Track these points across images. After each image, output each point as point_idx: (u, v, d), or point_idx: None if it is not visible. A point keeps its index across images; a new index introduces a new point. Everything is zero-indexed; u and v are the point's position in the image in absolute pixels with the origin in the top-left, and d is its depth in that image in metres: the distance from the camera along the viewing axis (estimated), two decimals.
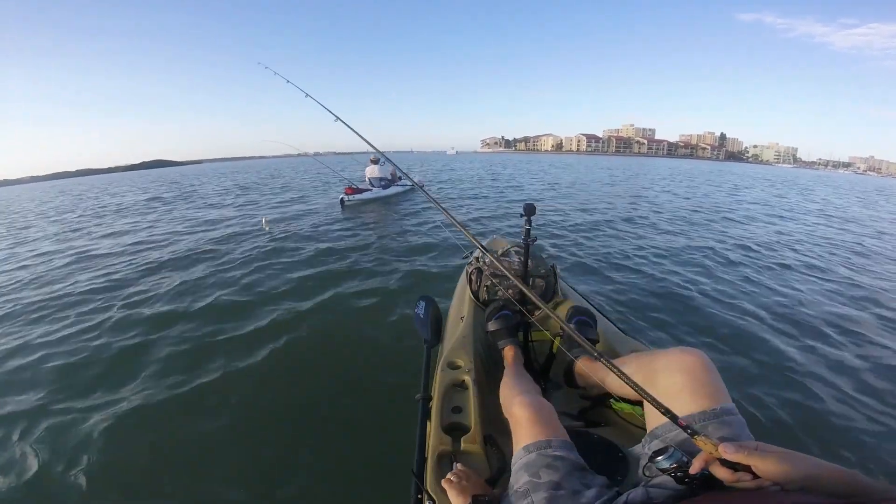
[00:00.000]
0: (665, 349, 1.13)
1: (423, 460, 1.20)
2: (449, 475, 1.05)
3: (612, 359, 0.96)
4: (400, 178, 11.13)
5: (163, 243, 6.54)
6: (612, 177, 21.25)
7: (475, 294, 2.12)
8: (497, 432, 1.28)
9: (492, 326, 1.68)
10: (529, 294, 1.11)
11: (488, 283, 2.09)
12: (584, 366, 1.47)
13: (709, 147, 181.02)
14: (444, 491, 1.04)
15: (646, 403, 1.03)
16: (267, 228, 4.99)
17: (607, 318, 2.04)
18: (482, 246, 1.48)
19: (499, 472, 1.14)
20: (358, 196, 9.53)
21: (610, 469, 1.10)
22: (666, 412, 0.82)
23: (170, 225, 8.42)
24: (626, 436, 1.33)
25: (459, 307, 2.10)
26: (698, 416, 0.91)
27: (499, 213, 8.61)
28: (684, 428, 0.78)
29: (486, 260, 2.12)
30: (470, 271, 2.16)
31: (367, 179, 10.59)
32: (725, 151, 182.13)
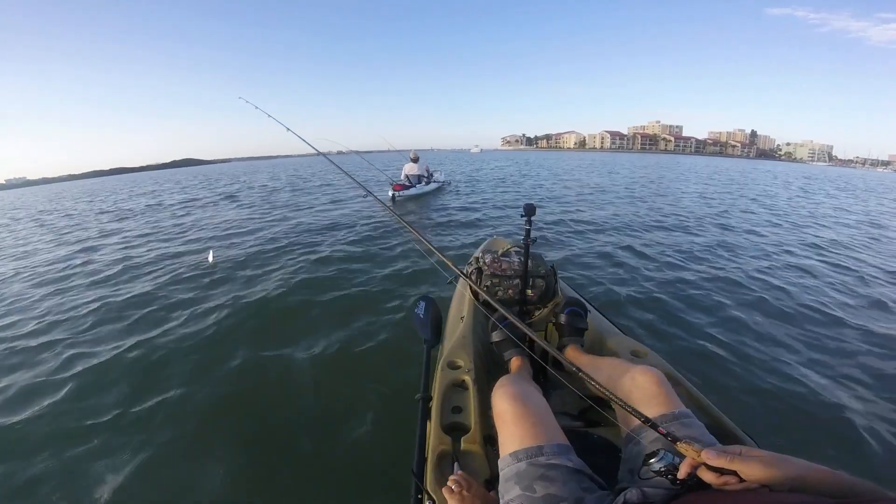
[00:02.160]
0: (629, 365, 1.22)
1: (423, 460, 1.20)
2: (449, 482, 1.02)
3: (597, 355, 0.98)
4: (433, 175, 12.02)
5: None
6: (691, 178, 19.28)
7: (475, 294, 2.10)
8: (497, 432, 1.26)
9: (496, 337, 1.63)
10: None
11: (488, 283, 2.08)
12: (571, 356, 1.53)
13: (739, 144, 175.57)
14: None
15: (615, 406, 1.08)
16: (211, 260, 4.86)
17: (603, 314, 2.04)
18: (462, 273, 1.54)
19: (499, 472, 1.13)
20: (405, 192, 10.29)
21: (610, 469, 1.09)
22: (646, 420, 0.83)
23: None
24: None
25: (459, 307, 2.10)
26: (659, 418, 0.97)
27: None
28: (665, 435, 0.79)
29: (486, 260, 2.15)
30: (470, 271, 2.16)
31: (404, 176, 10.98)
32: (756, 149, 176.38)
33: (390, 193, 10.00)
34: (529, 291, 2.04)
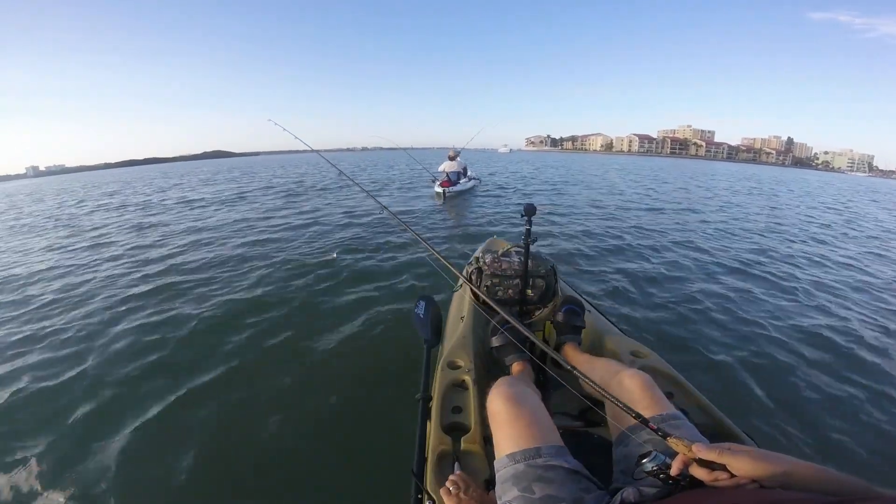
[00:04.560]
0: (619, 367, 1.24)
1: (423, 460, 1.20)
2: (448, 483, 1.02)
3: (595, 355, 0.99)
4: (468, 173, 12.13)
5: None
6: None
7: (475, 294, 2.10)
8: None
9: (496, 342, 1.62)
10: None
11: (488, 283, 2.08)
12: (568, 353, 1.56)
13: (774, 152, 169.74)
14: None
15: (607, 404, 1.10)
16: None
17: (604, 314, 2.05)
18: (465, 277, 1.65)
19: None
20: (453, 189, 10.44)
21: (610, 469, 1.08)
22: (637, 416, 0.86)
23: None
24: None
25: (459, 307, 2.10)
26: (651, 419, 0.94)
27: None
28: (656, 431, 0.81)
29: (486, 260, 2.15)
30: (470, 271, 2.16)
31: (444, 173, 11.04)
32: (792, 157, 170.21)
33: (438, 190, 10.17)
34: (529, 291, 2.04)
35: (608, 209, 9.47)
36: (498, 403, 1.05)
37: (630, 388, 1.10)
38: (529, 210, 1.93)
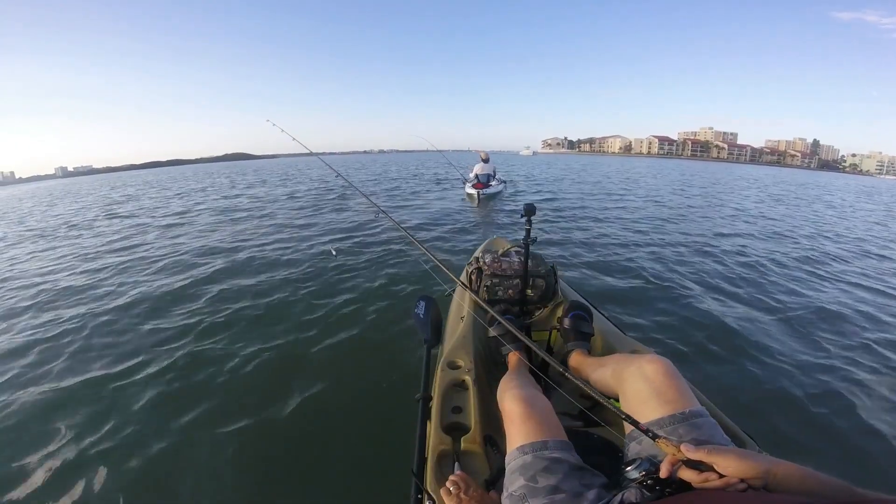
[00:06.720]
0: (636, 355, 1.18)
1: (423, 460, 1.20)
2: (448, 483, 1.03)
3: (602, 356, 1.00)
4: (496, 175, 11.96)
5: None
6: None
7: (475, 294, 2.12)
8: (497, 432, 1.26)
9: (493, 332, 1.65)
10: None
11: (488, 283, 2.10)
12: (576, 360, 1.52)
13: (799, 154, 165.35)
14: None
15: (621, 401, 1.11)
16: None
17: (606, 316, 2.02)
18: (461, 283, 1.66)
19: (498, 472, 1.13)
20: (486, 191, 10.39)
21: (610, 469, 1.07)
22: (626, 417, 0.88)
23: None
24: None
25: (459, 307, 2.10)
26: (667, 419, 0.93)
27: None
28: (645, 432, 0.82)
29: (486, 260, 2.17)
30: (470, 271, 2.19)
31: (475, 175, 11.00)
32: (818, 160, 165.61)
33: (472, 192, 10.17)
34: (529, 291, 2.07)
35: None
36: (513, 405, 1.10)
37: (651, 376, 1.03)
38: (529, 210, 1.95)
